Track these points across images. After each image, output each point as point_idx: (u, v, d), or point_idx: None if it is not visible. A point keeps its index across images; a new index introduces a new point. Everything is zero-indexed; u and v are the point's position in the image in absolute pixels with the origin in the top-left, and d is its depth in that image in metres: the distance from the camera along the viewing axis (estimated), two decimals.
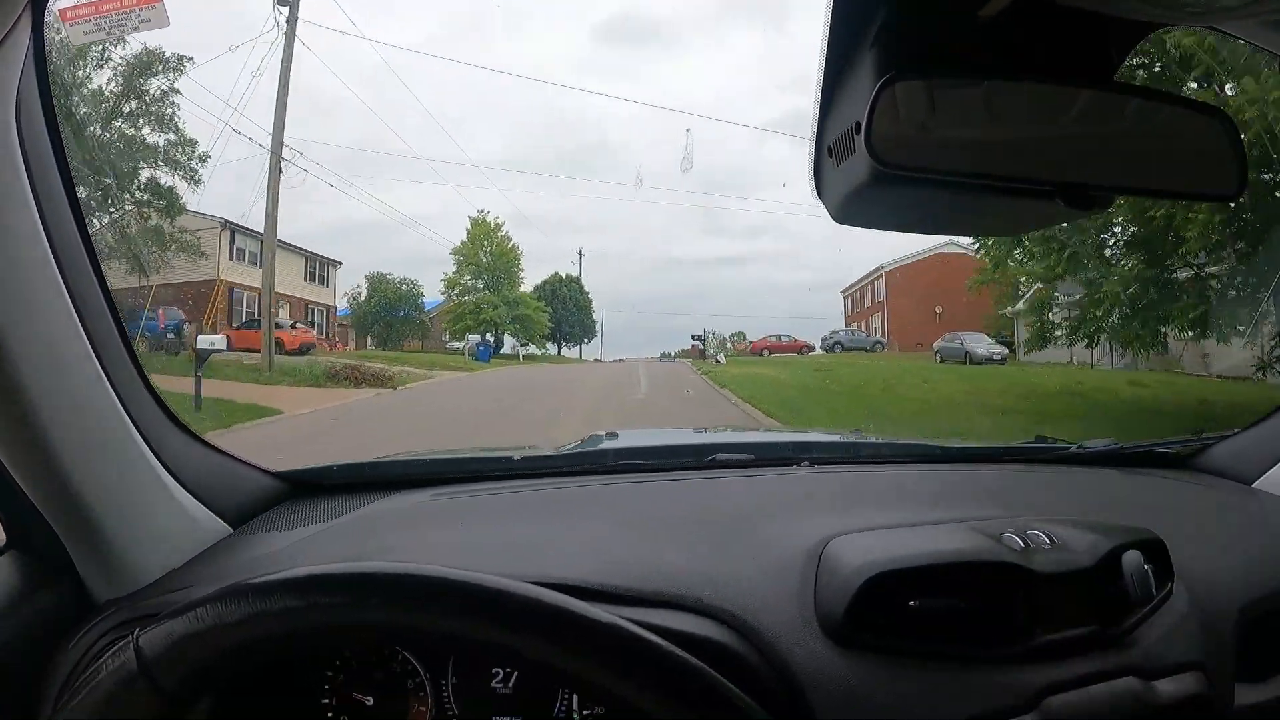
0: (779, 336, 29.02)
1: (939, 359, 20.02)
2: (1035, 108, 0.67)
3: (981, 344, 19.99)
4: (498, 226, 26.06)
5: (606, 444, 1.40)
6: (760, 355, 26.71)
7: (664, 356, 31.64)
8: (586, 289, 30.32)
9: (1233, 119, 0.67)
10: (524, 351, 25.81)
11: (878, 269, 28.87)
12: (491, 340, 26.14)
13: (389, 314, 25.70)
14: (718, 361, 20.44)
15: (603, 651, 0.60)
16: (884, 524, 0.90)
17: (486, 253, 26.07)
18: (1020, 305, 21.34)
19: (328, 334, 25.90)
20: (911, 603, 0.74)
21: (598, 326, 31.09)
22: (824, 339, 28.32)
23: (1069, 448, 1.43)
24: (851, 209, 0.71)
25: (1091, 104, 0.68)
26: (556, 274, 29.88)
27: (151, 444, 0.88)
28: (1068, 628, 0.79)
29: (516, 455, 1.25)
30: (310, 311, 24.91)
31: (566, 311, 29.15)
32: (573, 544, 0.90)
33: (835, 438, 1.75)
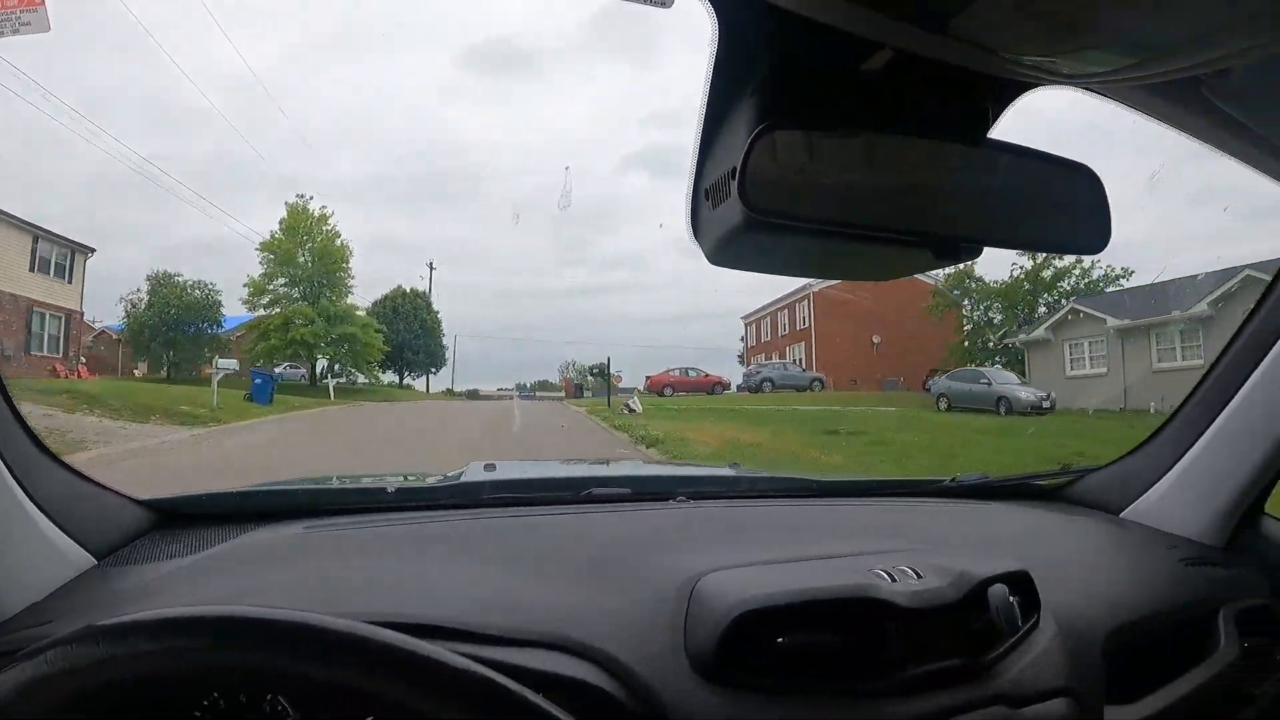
0: (685, 370, 23.06)
1: (942, 405, 15.77)
2: (910, 161, 0.71)
3: (1019, 386, 15.36)
4: (323, 218, 20.86)
5: (484, 476, 1.42)
6: (663, 394, 22.48)
7: (522, 389, 29.30)
8: (437, 309, 23.36)
9: (1098, 176, 0.74)
10: (335, 383, 20.79)
11: (803, 288, 24.15)
12: (305, 368, 18.46)
13: (175, 329, 20.14)
14: (629, 409, 13.70)
15: (456, 696, 0.63)
16: (758, 560, 0.95)
17: (306, 251, 20.61)
18: (1040, 331, 16.33)
19: (66, 353, 19.65)
20: (780, 640, 0.79)
21: (448, 353, 27.18)
22: (746, 375, 25.85)
23: (944, 481, 1.54)
24: (726, 251, 0.74)
25: (965, 159, 0.73)
26: (400, 288, 22.92)
27: (12, 468, 0.87)
28: (937, 660, 0.84)
29: (391, 486, 1.28)
30: (37, 318, 18.74)
31: (410, 333, 21.95)
32: (442, 581, 0.92)
33: (715, 471, 1.82)
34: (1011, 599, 0.91)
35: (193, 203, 37.24)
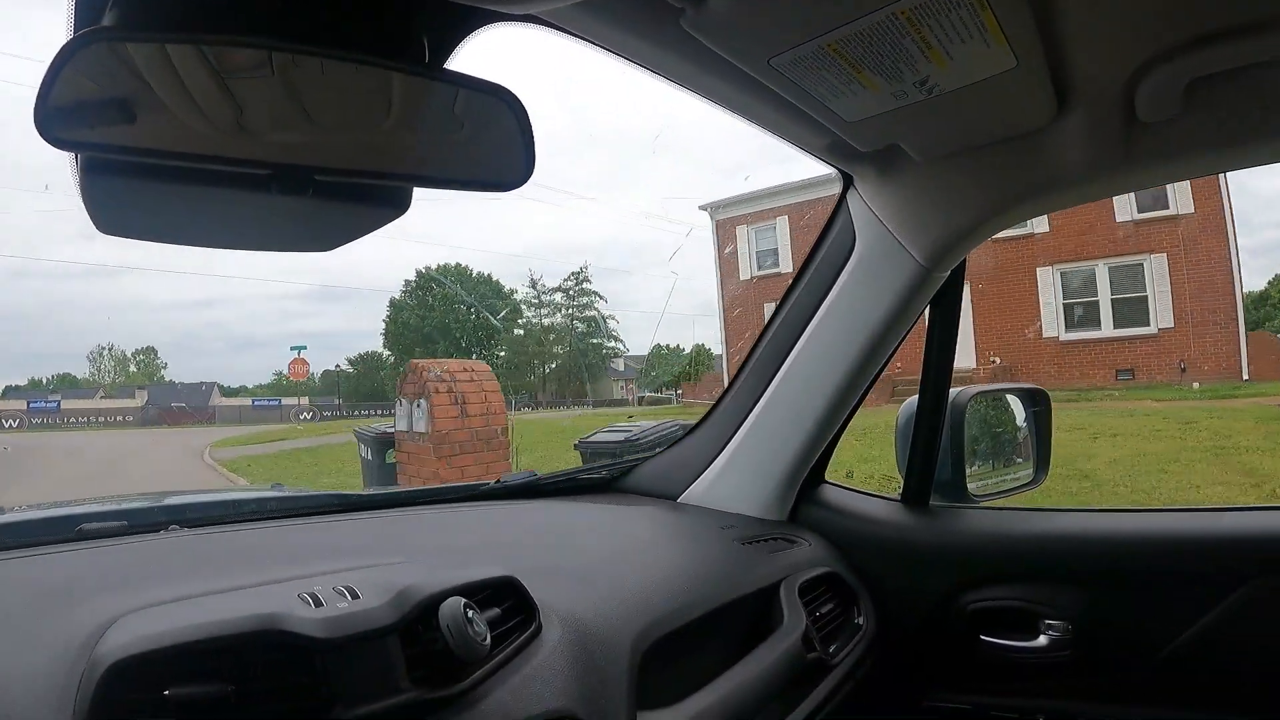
0: None
1: None
2: (300, 84, 0.64)
3: None
4: None
5: None
6: None
7: (38, 397, 23.02)
8: None
9: (522, 103, 0.73)
10: None
11: None
12: None
13: None
14: None
15: None
16: (204, 591, 0.87)
17: None
18: None
19: None
20: (166, 693, 0.70)
21: None
22: None
23: (488, 485, 1.55)
24: (104, 212, 0.70)
25: (378, 87, 0.68)
26: None
27: None
28: (383, 698, 0.76)
29: None
30: None
31: None
32: None
33: (237, 494, 1.78)
34: (470, 614, 0.84)
35: None
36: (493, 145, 0.75)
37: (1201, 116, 1.07)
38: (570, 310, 35.70)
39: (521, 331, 36.00)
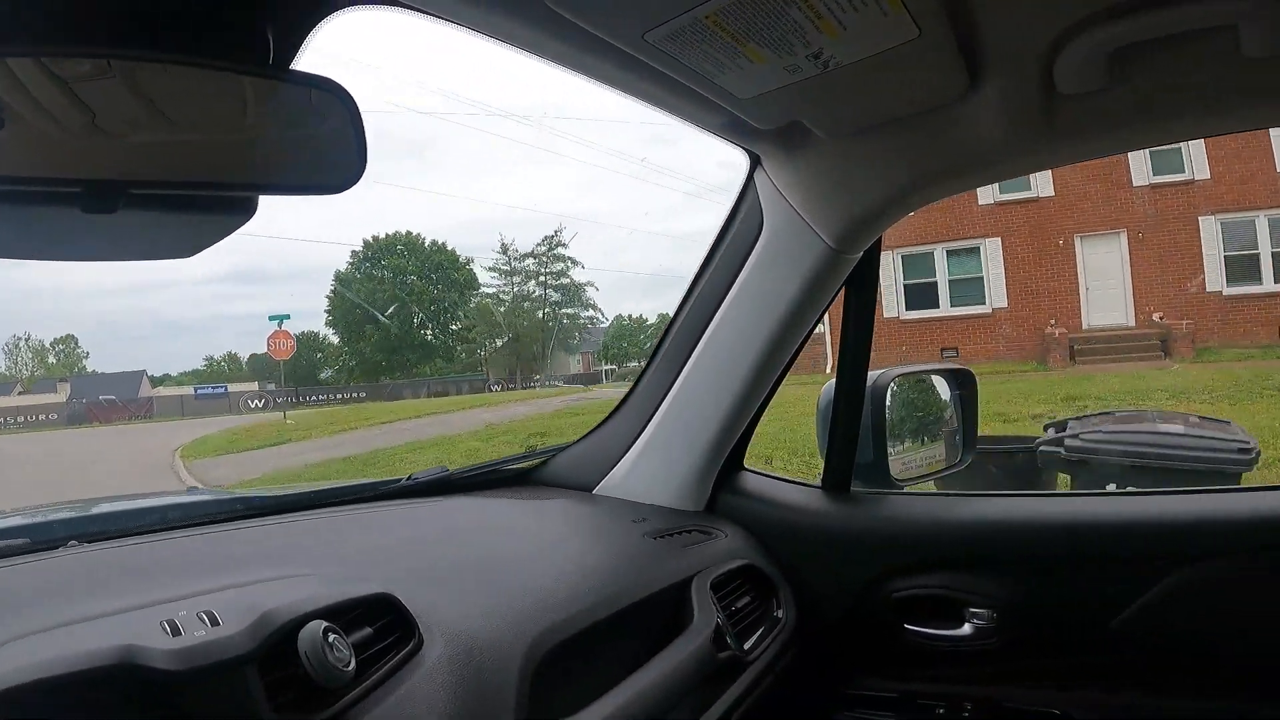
0: None
1: None
2: (112, 90, 0.61)
3: None
4: None
5: None
6: None
7: None
8: None
9: (352, 96, 0.70)
10: None
11: None
12: None
13: None
14: None
15: None
16: (66, 620, 0.83)
17: None
18: None
19: None
20: None
21: None
22: None
23: (400, 481, 1.52)
24: None
25: (194, 87, 0.64)
26: None
27: None
28: None
29: None
30: None
31: None
32: None
33: (148, 502, 1.54)
34: (332, 638, 0.82)
35: None
36: (323, 144, 0.73)
37: (1127, 88, 1.05)
38: (544, 277, 35.16)
39: (474, 304, 34.99)
